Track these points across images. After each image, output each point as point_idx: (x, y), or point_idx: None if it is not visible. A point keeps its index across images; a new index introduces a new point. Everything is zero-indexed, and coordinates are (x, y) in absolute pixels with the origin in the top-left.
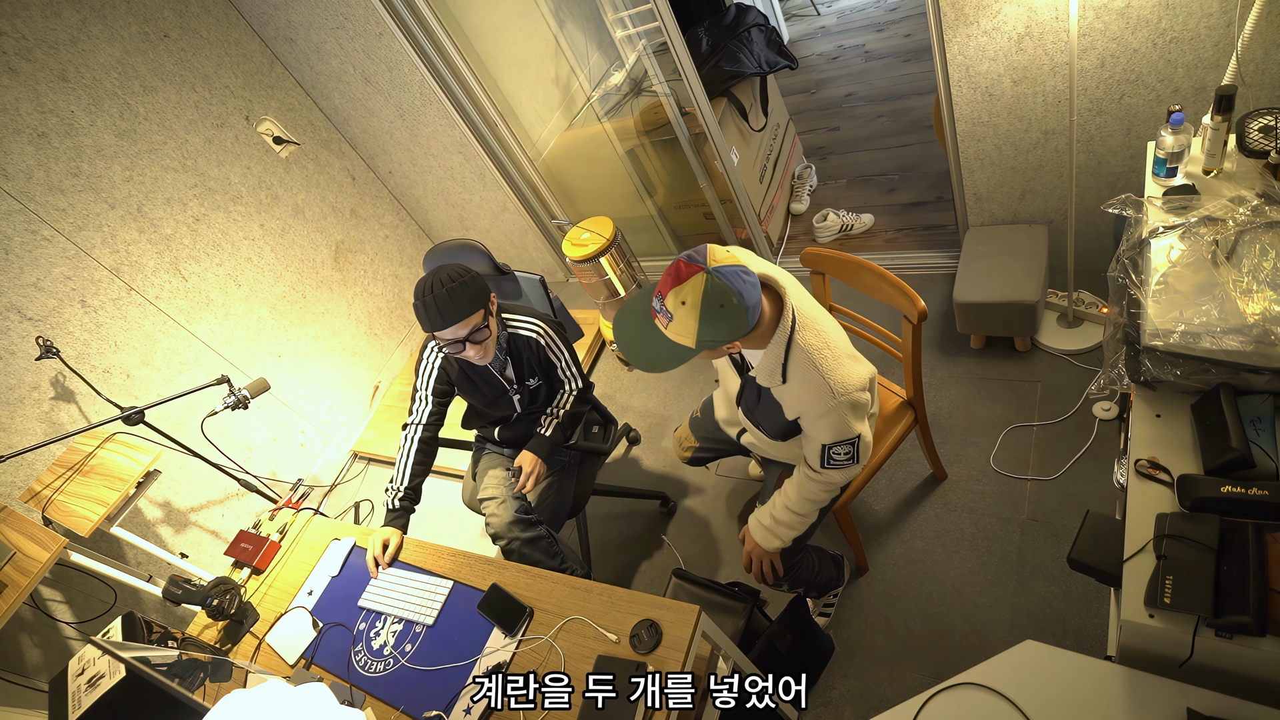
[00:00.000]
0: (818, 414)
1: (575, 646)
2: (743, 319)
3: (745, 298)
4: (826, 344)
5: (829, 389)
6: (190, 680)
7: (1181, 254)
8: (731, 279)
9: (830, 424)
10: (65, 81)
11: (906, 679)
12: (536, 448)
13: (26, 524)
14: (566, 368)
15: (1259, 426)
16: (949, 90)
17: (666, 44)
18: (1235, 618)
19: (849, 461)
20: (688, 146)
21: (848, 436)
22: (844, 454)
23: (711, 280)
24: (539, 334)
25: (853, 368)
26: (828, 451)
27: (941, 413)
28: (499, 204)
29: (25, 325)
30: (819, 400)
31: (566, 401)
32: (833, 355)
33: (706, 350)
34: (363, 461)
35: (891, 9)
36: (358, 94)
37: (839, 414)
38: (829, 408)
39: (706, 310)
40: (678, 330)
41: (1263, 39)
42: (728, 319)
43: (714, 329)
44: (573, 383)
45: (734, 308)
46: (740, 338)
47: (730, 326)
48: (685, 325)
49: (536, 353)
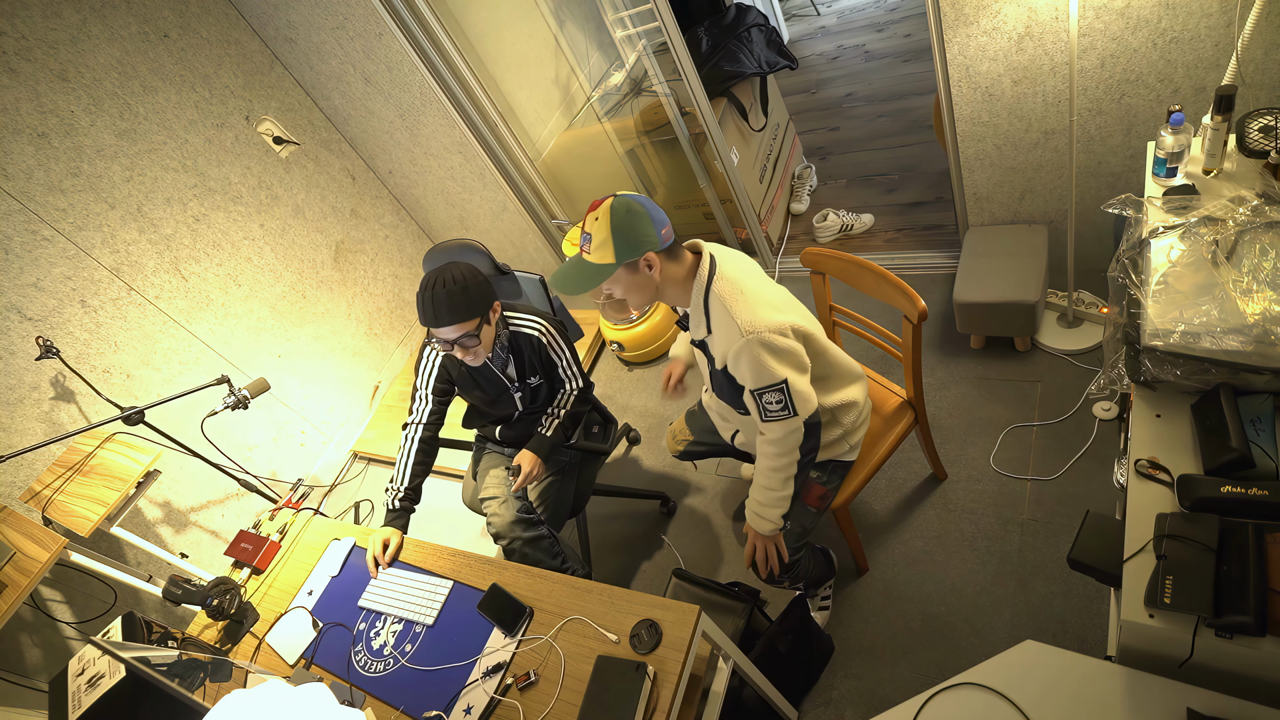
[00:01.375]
0: (735, 354)
1: (575, 646)
2: (648, 226)
3: (648, 209)
4: (740, 290)
5: (737, 326)
6: (190, 680)
7: (1181, 254)
8: (633, 197)
9: (746, 364)
10: (65, 81)
11: (906, 679)
12: (536, 447)
13: (26, 524)
14: (568, 367)
15: (1259, 426)
16: (949, 90)
17: (666, 44)
18: (1235, 618)
19: (783, 411)
20: (688, 146)
21: (771, 381)
22: (775, 402)
23: (618, 198)
24: (541, 331)
25: (765, 311)
26: (760, 401)
27: (941, 413)
28: (499, 204)
29: (25, 325)
30: (731, 339)
31: (567, 401)
32: (745, 300)
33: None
34: (363, 461)
35: (891, 9)
36: (358, 94)
37: (750, 352)
38: (740, 346)
39: (615, 220)
40: (597, 246)
41: (1263, 39)
42: (634, 226)
43: (624, 237)
44: (573, 382)
45: (638, 214)
46: (653, 249)
47: (639, 233)
48: (601, 237)
49: (538, 350)
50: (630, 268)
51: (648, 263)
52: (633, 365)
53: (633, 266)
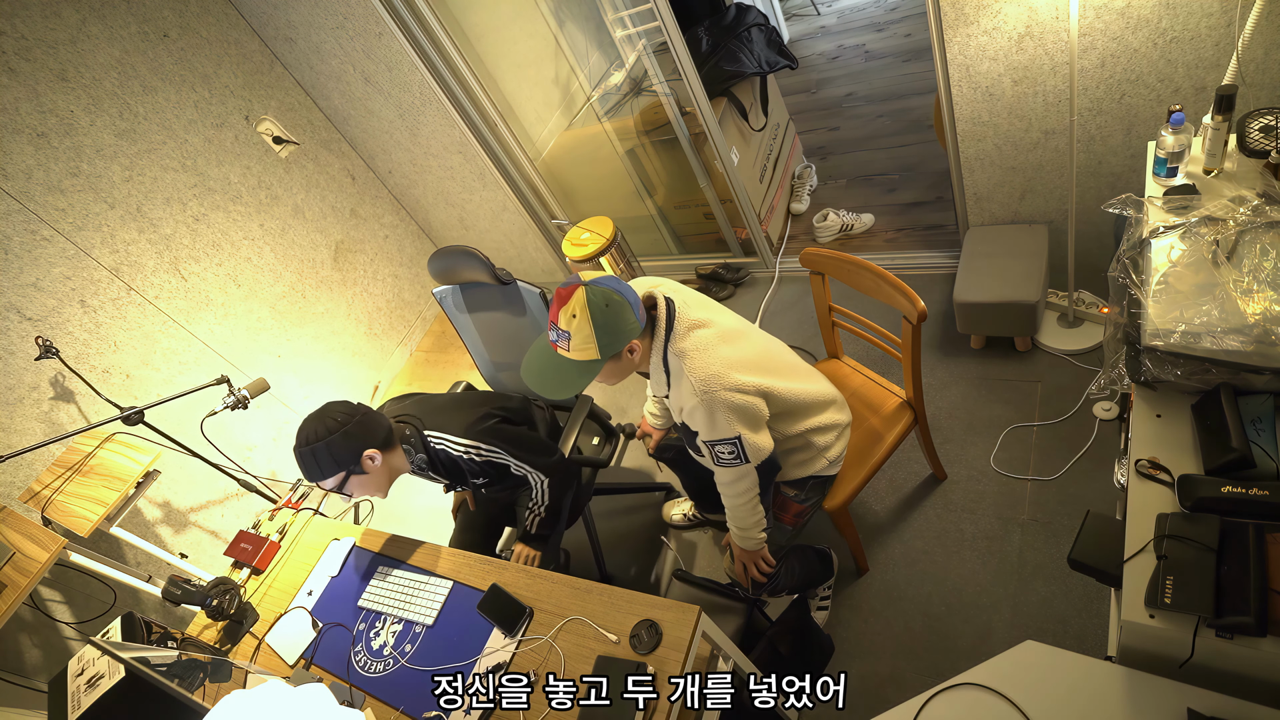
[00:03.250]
0: (689, 409)
1: (575, 647)
2: (629, 314)
3: (624, 294)
4: (697, 346)
5: (691, 386)
6: (190, 680)
7: (1182, 254)
8: (605, 282)
9: (701, 419)
10: (65, 81)
11: (906, 679)
12: (525, 540)
13: (26, 524)
14: (518, 467)
15: (1259, 426)
16: (949, 90)
17: (666, 44)
18: (1236, 618)
19: (734, 459)
20: (688, 146)
21: (724, 436)
22: (728, 453)
23: (590, 288)
24: (465, 452)
25: (722, 368)
26: (712, 451)
27: (941, 413)
28: (499, 204)
29: (25, 325)
30: (688, 396)
31: (542, 499)
32: (703, 357)
33: (613, 364)
34: None
35: (891, 9)
36: (358, 94)
37: (702, 412)
38: (693, 406)
39: (596, 314)
40: (579, 346)
41: (1263, 39)
42: (616, 316)
43: (607, 332)
44: (534, 477)
45: (618, 304)
46: (636, 336)
47: (621, 324)
48: (583, 335)
49: (479, 466)
50: (615, 358)
51: (630, 349)
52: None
53: (617, 357)
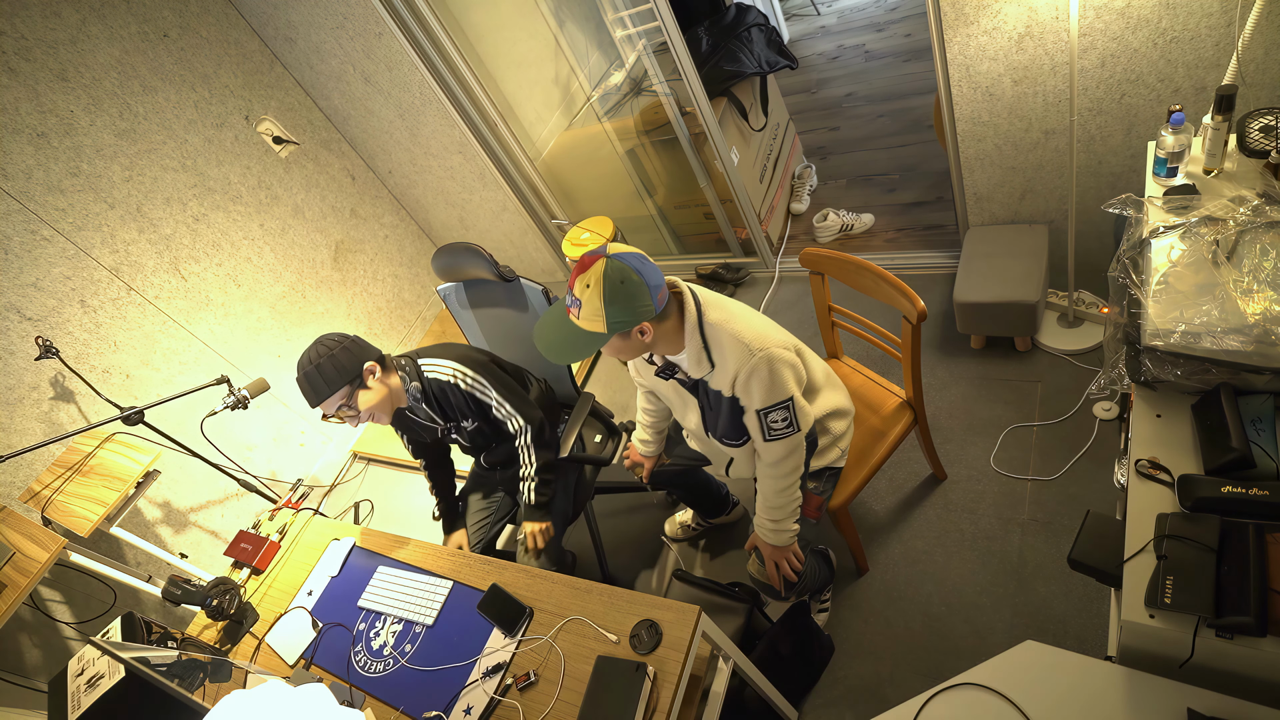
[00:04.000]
0: (745, 377)
1: (575, 647)
2: (645, 296)
3: (645, 276)
4: (733, 315)
5: (746, 346)
6: (190, 680)
7: (1182, 254)
8: (629, 260)
9: (758, 382)
10: (65, 81)
11: (906, 679)
12: (530, 515)
13: (26, 524)
14: (500, 407)
15: (1259, 426)
16: (949, 90)
17: (666, 44)
18: (1236, 618)
19: (788, 429)
20: (688, 146)
21: (780, 399)
22: (781, 420)
23: (610, 263)
24: (454, 375)
25: (766, 329)
26: (765, 422)
27: (941, 413)
28: (499, 204)
29: (25, 325)
30: (742, 361)
31: (530, 460)
32: (742, 321)
33: (620, 341)
34: (362, 462)
35: (891, 9)
36: (357, 94)
37: (762, 370)
38: (752, 366)
39: (609, 289)
40: (588, 315)
41: (1263, 39)
42: (630, 296)
43: (619, 308)
44: (513, 423)
45: (634, 283)
46: (649, 319)
47: (634, 304)
48: (593, 308)
49: (463, 396)
50: (622, 335)
51: (640, 330)
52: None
53: (625, 334)
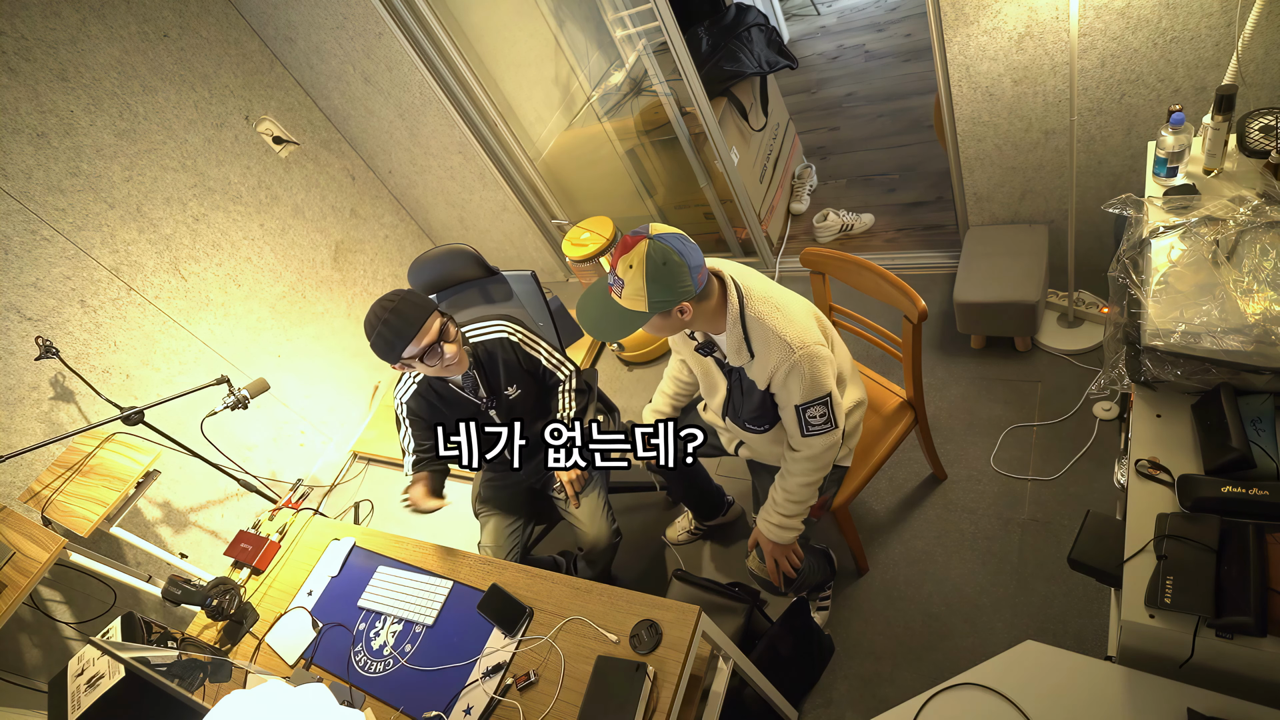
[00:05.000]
0: (784, 374)
1: (575, 646)
2: (685, 277)
3: (686, 256)
4: (777, 308)
5: (787, 344)
6: (190, 680)
7: (1182, 254)
8: (670, 241)
9: (798, 380)
10: (65, 81)
11: (906, 679)
12: None
13: (26, 524)
14: (550, 357)
15: (1259, 426)
16: (949, 90)
17: (666, 44)
18: (1236, 618)
19: (826, 424)
20: (688, 146)
21: (818, 395)
22: (820, 416)
23: (653, 243)
24: (507, 333)
25: (809, 324)
26: (804, 417)
27: (941, 413)
28: (499, 204)
29: (25, 325)
30: (782, 358)
31: (570, 403)
32: (784, 316)
33: (660, 319)
34: (362, 462)
35: (891, 9)
36: (358, 94)
37: (803, 367)
38: (792, 363)
39: (651, 270)
40: (630, 295)
41: (1263, 39)
42: (671, 276)
43: (660, 288)
44: (563, 369)
45: (675, 265)
46: (689, 299)
47: (675, 284)
48: (635, 287)
49: (514, 354)
50: (663, 314)
51: (680, 309)
52: (633, 365)
53: (665, 314)
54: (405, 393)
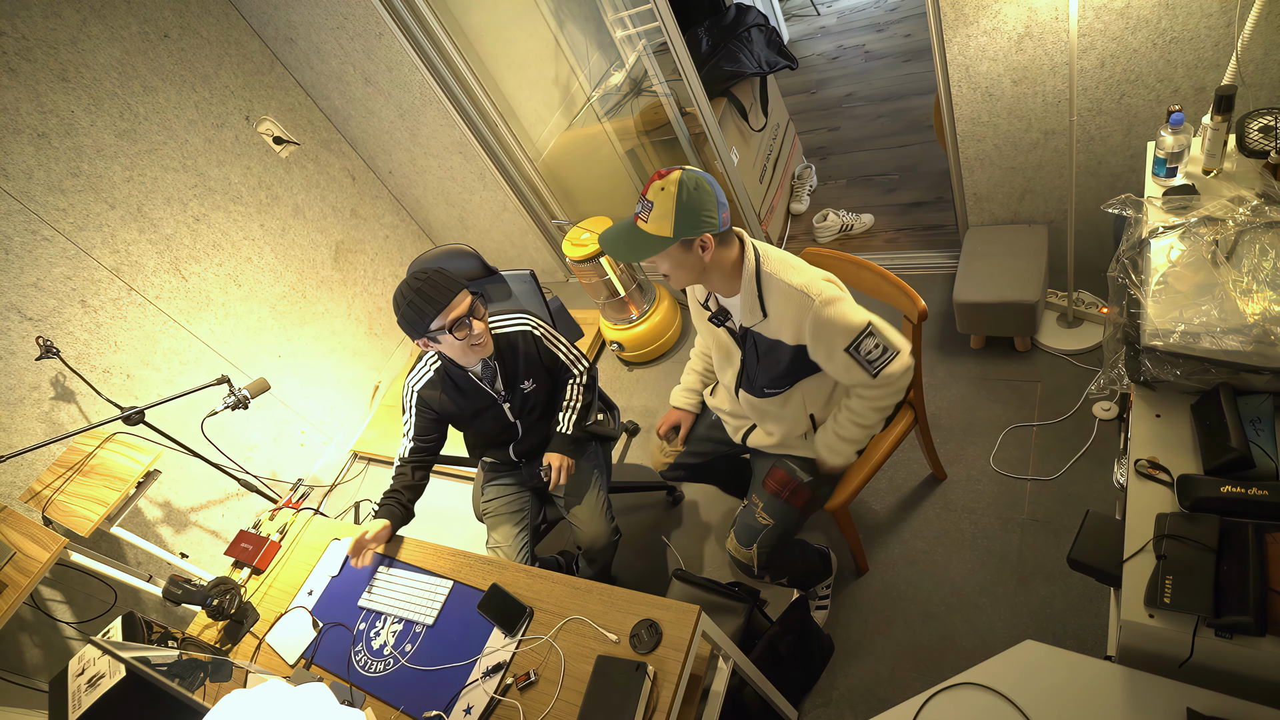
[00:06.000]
0: (813, 324)
1: (575, 646)
2: (713, 208)
3: (715, 190)
4: (788, 264)
5: (804, 294)
6: (190, 680)
7: (1181, 254)
8: (704, 176)
9: (828, 326)
10: (65, 81)
11: (906, 679)
12: (559, 446)
13: (26, 524)
14: (568, 353)
15: (1259, 426)
16: (949, 90)
17: (666, 44)
18: (1235, 618)
19: (886, 354)
20: (688, 146)
21: (860, 329)
22: (875, 347)
23: (686, 172)
24: (530, 326)
25: (820, 275)
26: (860, 356)
27: (941, 413)
28: (499, 204)
29: (25, 325)
30: (804, 307)
31: (578, 394)
32: (798, 272)
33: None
34: (363, 461)
35: (891, 9)
36: (358, 94)
37: (829, 311)
38: (815, 310)
39: (683, 191)
40: (658, 217)
41: (1263, 39)
42: (700, 203)
43: (687, 214)
44: (578, 366)
45: (705, 191)
46: (712, 231)
47: (701, 212)
48: (663, 209)
49: (535, 347)
50: (685, 245)
51: (702, 243)
52: (633, 365)
53: (687, 244)
54: (420, 380)
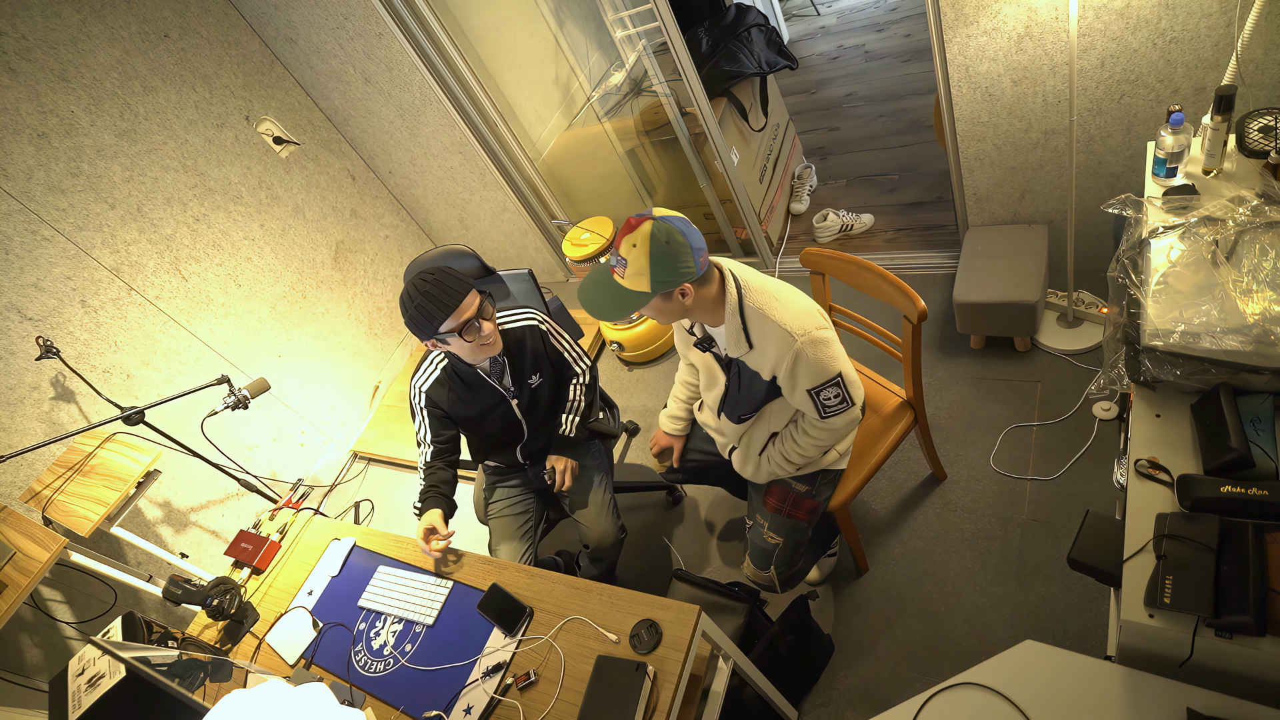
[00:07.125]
0: (791, 360)
1: (575, 646)
2: (688, 257)
3: (689, 238)
4: (775, 298)
5: (787, 333)
6: (190, 680)
7: (1181, 254)
8: (674, 222)
9: (804, 366)
10: (65, 81)
11: (906, 679)
12: (562, 449)
13: (27, 524)
14: (570, 349)
15: (1259, 426)
16: (949, 90)
17: (666, 44)
18: (1235, 618)
19: (841, 404)
20: (688, 146)
21: (828, 377)
22: (834, 397)
23: (657, 223)
24: (536, 321)
25: (805, 310)
26: (818, 400)
27: (941, 413)
28: (499, 204)
29: (25, 325)
30: (784, 346)
31: (580, 395)
32: (782, 305)
33: (661, 302)
34: (363, 461)
35: (891, 9)
36: (358, 94)
37: (807, 354)
38: (795, 351)
39: (655, 248)
40: (633, 274)
41: (1262, 39)
42: (674, 256)
43: (663, 267)
44: (580, 363)
45: (678, 244)
46: (691, 280)
47: (678, 264)
48: (638, 266)
49: (542, 342)
50: (664, 296)
51: (682, 291)
52: (633, 365)
53: (667, 295)
54: (426, 381)
